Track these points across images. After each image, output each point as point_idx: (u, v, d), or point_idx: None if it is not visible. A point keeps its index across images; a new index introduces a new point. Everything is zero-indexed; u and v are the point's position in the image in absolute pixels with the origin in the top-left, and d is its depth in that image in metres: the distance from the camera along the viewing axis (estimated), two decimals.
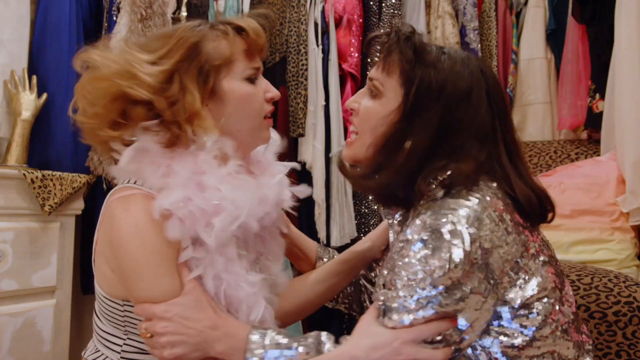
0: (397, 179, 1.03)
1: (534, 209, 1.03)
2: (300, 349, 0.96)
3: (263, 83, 1.12)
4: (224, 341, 0.97)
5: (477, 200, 0.94)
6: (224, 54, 1.05)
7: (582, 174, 2.08)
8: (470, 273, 0.90)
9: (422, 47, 1.06)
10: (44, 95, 2.00)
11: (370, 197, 2.36)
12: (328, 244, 2.28)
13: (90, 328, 2.37)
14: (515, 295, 0.95)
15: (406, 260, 0.93)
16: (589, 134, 2.46)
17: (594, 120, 2.32)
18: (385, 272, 1.02)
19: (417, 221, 0.95)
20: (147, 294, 0.97)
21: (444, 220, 0.92)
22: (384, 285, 1.01)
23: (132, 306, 1.03)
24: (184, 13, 2.35)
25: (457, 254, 0.90)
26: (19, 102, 1.94)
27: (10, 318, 1.77)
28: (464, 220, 0.92)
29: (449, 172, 0.99)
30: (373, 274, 1.36)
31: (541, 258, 0.99)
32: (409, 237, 0.95)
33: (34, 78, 2.00)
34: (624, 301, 1.47)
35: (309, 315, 1.33)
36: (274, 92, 1.12)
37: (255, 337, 0.97)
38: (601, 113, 2.26)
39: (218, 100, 1.05)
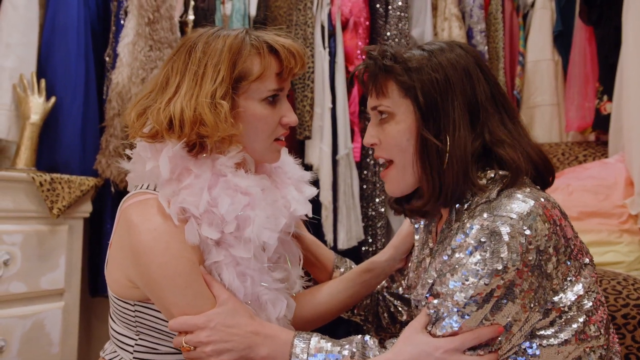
0: (459, 179, 1.01)
1: (545, 171, 1.07)
2: (345, 353, 0.97)
3: (283, 106, 1.10)
4: (267, 345, 0.99)
5: (532, 202, 0.95)
6: (255, 74, 1.04)
7: (589, 176, 2.07)
8: (525, 275, 0.91)
9: (401, 55, 1.06)
10: (52, 99, 2.01)
11: (377, 200, 2.36)
12: (335, 247, 2.28)
13: (98, 330, 2.39)
14: (562, 298, 0.95)
15: (463, 262, 0.93)
16: (596, 136, 2.45)
17: (601, 122, 2.31)
18: (434, 274, 1.02)
19: (475, 224, 0.95)
20: (182, 300, 0.97)
21: (502, 221, 0.93)
22: (430, 289, 1.00)
23: (143, 306, 1.03)
24: (191, 17, 2.36)
25: (515, 256, 0.90)
26: (27, 106, 1.96)
27: (19, 320, 1.78)
28: (521, 222, 0.92)
29: (500, 171, 1.01)
30: (395, 285, 1.34)
31: (586, 260, 1.00)
32: (464, 240, 0.95)
33: (43, 81, 2.01)
34: (632, 304, 1.46)
35: None
36: (290, 118, 1.10)
37: (299, 341, 0.99)
38: (609, 115, 2.24)
39: (234, 115, 1.04)
